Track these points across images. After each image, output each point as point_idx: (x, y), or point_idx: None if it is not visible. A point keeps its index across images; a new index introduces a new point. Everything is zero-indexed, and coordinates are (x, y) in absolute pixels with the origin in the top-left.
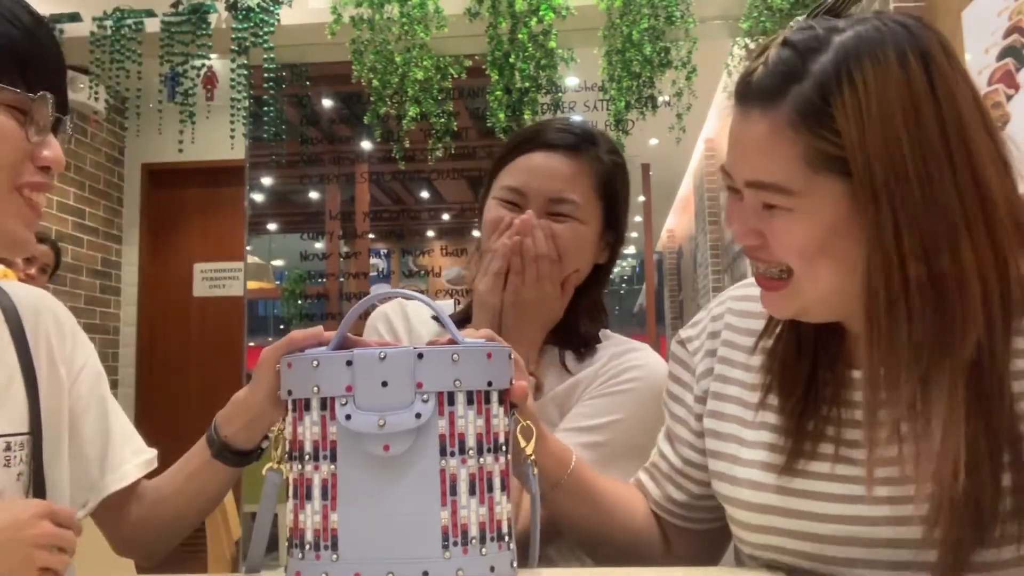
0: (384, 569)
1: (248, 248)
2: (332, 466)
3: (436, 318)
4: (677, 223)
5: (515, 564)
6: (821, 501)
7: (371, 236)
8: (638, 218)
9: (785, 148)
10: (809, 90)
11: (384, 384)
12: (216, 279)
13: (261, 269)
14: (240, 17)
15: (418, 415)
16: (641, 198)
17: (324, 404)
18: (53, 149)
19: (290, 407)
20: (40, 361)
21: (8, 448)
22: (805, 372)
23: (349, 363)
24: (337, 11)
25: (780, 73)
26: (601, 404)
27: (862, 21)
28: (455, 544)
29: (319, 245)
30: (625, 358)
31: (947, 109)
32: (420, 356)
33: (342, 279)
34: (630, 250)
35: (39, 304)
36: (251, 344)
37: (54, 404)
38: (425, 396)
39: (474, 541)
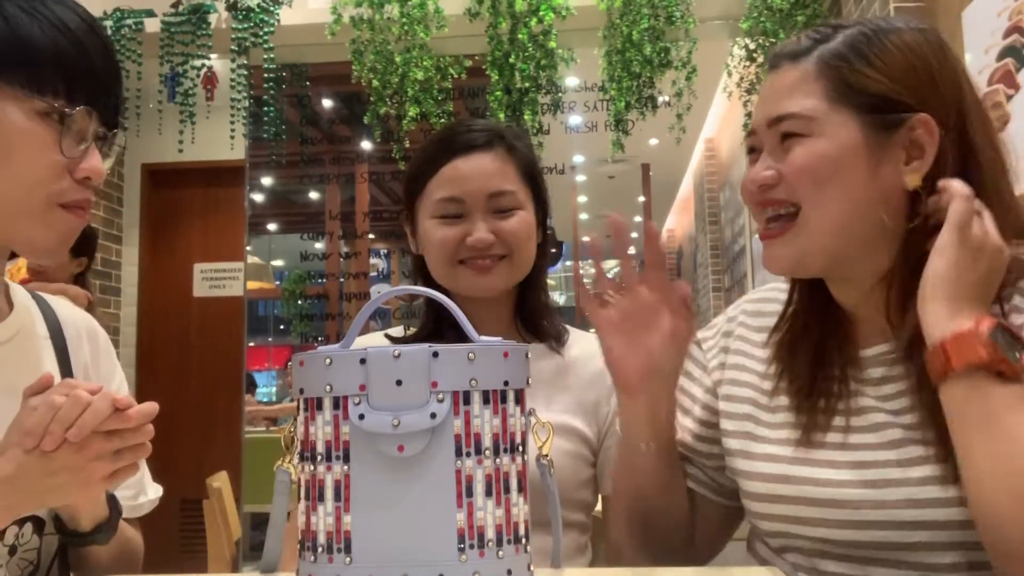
0: (399, 572)
1: (248, 248)
2: (345, 467)
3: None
4: (677, 223)
5: (532, 567)
6: (834, 469)
7: (371, 236)
8: (638, 218)
9: (809, 85)
10: (837, 43)
11: (399, 383)
12: (216, 279)
13: (261, 269)
14: (240, 17)
15: (433, 415)
16: (641, 198)
17: (337, 403)
18: (91, 160)
19: (302, 406)
20: (79, 377)
21: None
22: (809, 354)
23: (363, 361)
24: (337, 11)
25: (812, 38)
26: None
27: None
28: (471, 547)
29: (319, 245)
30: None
31: (964, 83)
32: (435, 355)
33: (342, 279)
34: (630, 251)
35: (81, 326)
36: (251, 344)
37: None
38: (440, 395)
39: (490, 543)
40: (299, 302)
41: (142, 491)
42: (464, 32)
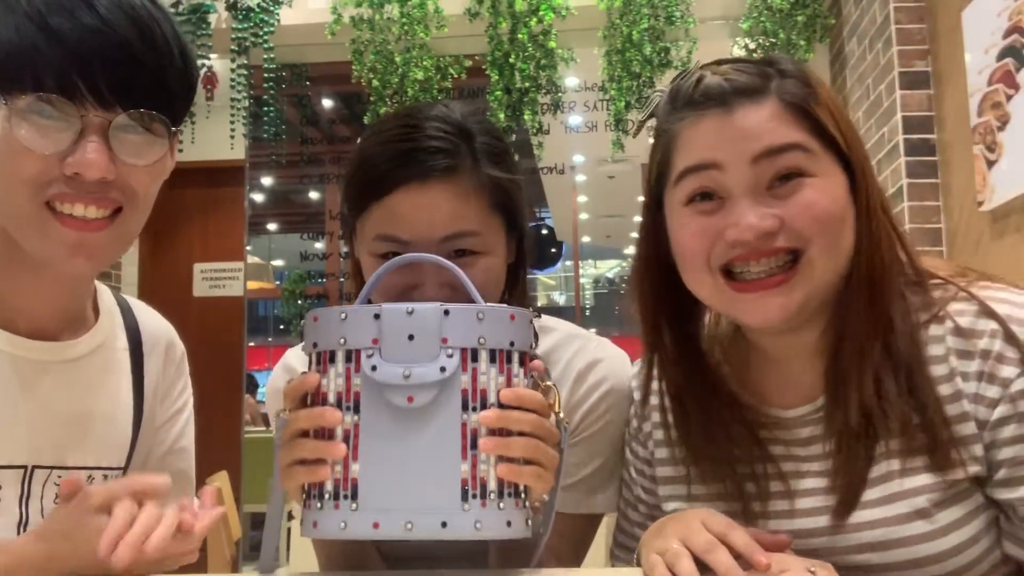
0: (403, 519)
1: (248, 248)
2: (355, 417)
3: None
4: None
5: (530, 522)
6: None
7: None
8: (638, 218)
9: (795, 122)
10: (790, 85)
11: (411, 338)
12: (216, 279)
13: (261, 269)
14: (240, 17)
15: (443, 368)
16: (641, 198)
17: (349, 356)
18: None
19: (314, 360)
20: (147, 395)
21: (106, 480)
22: (725, 462)
23: (377, 316)
24: (337, 11)
25: (753, 74)
26: (585, 449)
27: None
28: (474, 497)
29: (319, 245)
30: (595, 374)
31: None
32: (447, 312)
33: (342, 279)
34: (630, 250)
35: (161, 338)
36: (251, 344)
37: (145, 441)
38: (450, 351)
39: (492, 495)
40: (299, 302)
41: None
42: (464, 32)
